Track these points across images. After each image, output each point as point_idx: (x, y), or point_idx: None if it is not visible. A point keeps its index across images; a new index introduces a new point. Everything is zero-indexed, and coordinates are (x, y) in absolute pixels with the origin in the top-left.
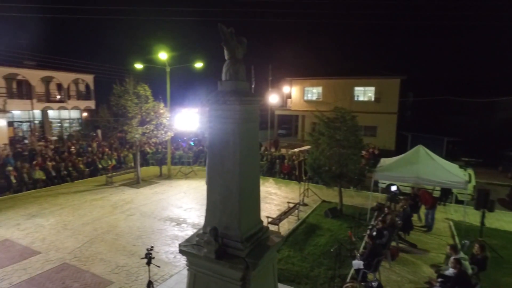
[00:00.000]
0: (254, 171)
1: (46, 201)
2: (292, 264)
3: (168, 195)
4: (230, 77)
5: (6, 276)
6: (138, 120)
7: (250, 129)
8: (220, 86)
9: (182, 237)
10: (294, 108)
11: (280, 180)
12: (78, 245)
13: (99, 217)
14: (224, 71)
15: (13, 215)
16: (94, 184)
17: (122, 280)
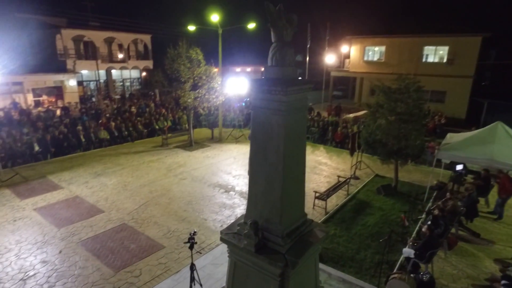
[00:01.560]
0: (299, 164)
1: (110, 160)
2: (338, 244)
3: (218, 160)
4: (277, 62)
5: (76, 231)
6: (191, 84)
7: (297, 120)
8: (265, 72)
9: (230, 206)
10: (353, 70)
11: (331, 149)
12: (136, 207)
13: (155, 180)
14: (270, 56)
15: (82, 173)
16: (151, 145)
17: (172, 245)
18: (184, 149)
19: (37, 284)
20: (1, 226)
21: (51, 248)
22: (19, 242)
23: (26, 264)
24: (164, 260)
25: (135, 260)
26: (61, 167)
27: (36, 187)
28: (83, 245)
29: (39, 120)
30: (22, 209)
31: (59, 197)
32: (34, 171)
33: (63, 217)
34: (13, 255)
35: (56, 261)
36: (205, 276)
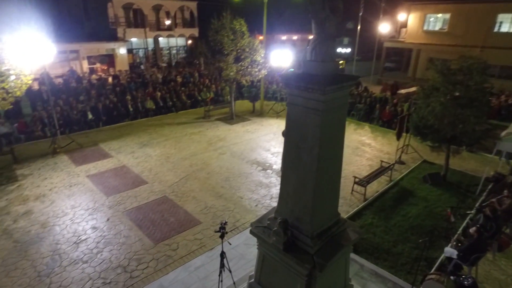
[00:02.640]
0: (335, 166)
1: (155, 131)
2: (374, 234)
3: (258, 135)
4: (316, 57)
5: (122, 200)
6: (233, 57)
7: (335, 119)
8: (303, 66)
9: (266, 185)
10: (409, 40)
11: (377, 128)
12: (176, 180)
13: (195, 153)
14: (310, 49)
15: (129, 143)
16: (194, 116)
17: (208, 222)
18: (225, 122)
19: (87, 248)
20: (59, 191)
21: (100, 215)
22: (74, 207)
23: (79, 228)
24: (200, 236)
25: (173, 234)
26: (111, 135)
27: (89, 154)
28: (128, 215)
29: (93, 88)
30: (77, 175)
31: (108, 165)
32: (88, 138)
33: (111, 185)
34: (68, 219)
35: (104, 228)
36: (237, 255)
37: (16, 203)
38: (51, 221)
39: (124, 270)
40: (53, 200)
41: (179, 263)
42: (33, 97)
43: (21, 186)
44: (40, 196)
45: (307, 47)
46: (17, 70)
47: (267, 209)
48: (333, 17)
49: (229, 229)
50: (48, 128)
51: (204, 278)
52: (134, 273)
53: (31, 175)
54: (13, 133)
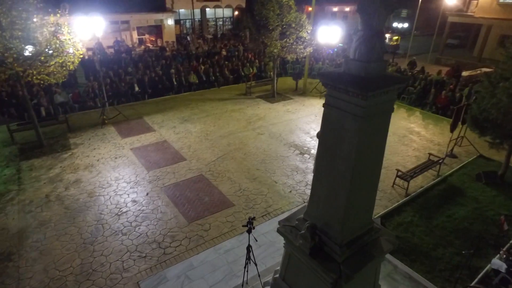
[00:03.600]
0: (373, 174)
1: (197, 106)
2: (412, 234)
3: (299, 116)
4: (360, 56)
5: (161, 176)
6: (278, 32)
7: (377, 126)
8: (344, 64)
9: (302, 170)
10: (479, 15)
11: (430, 115)
12: (213, 158)
13: (234, 131)
14: (354, 47)
15: (172, 117)
16: (235, 92)
17: (241, 205)
18: (265, 100)
19: (127, 221)
20: (106, 162)
21: (140, 189)
22: (117, 179)
23: (121, 200)
24: (232, 219)
25: (207, 214)
26: (155, 109)
27: (134, 127)
28: (166, 191)
29: (141, 60)
30: (122, 147)
31: (151, 139)
32: (134, 110)
33: (152, 160)
34: (112, 191)
35: (143, 202)
36: (267, 242)
37: (68, 171)
38: (97, 191)
39: (159, 245)
40: (100, 171)
41: (209, 244)
42: (87, 67)
43: (73, 154)
44: (89, 166)
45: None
46: (70, 44)
47: (301, 196)
48: (384, 11)
49: (261, 214)
50: (98, 99)
51: (233, 262)
52: (167, 250)
53: (82, 145)
54: (68, 103)
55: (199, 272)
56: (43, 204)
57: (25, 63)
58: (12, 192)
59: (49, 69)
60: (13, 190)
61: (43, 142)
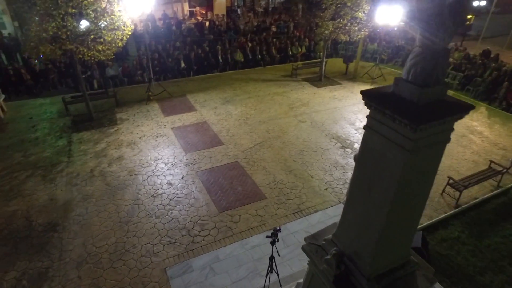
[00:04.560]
0: (414, 210)
1: (239, 86)
2: (457, 252)
3: (345, 104)
4: (415, 78)
5: (198, 159)
6: (332, 12)
7: (426, 159)
8: (394, 84)
9: (342, 166)
10: None
11: (498, 113)
12: (251, 145)
13: (275, 117)
14: (408, 65)
15: (214, 97)
16: (281, 73)
17: (273, 198)
18: (311, 83)
19: (161, 204)
20: (147, 140)
21: (176, 171)
22: (156, 159)
23: (158, 182)
24: (262, 213)
25: (238, 205)
26: (198, 87)
27: (177, 105)
28: (200, 176)
29: (190, 34)
30: (163, 126)
31: (191, 119)
32: (178, 87)
33: (191, 141)
34: (150, 171)
35: (178, 185)
36: (295, 242)
37: (112, 147)
38: (136, 169)
39: (188, 233)
40: (141, 149)
41: (237, 237)
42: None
43: (118, 130)
44: (131, 143)
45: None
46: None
47: (337, 196)
48: (452, 25)
49: (293, 211)
50: (146, 74)
51: (258, 259)
52: (196, 238)
53: (127, 120)
54: (118, 76)
55: (224, 266)
56: (88, 179)
57: (78, 39)
58: (63, 163)
59: (99, 46)
60: (64, 161)
61: (93, 115)
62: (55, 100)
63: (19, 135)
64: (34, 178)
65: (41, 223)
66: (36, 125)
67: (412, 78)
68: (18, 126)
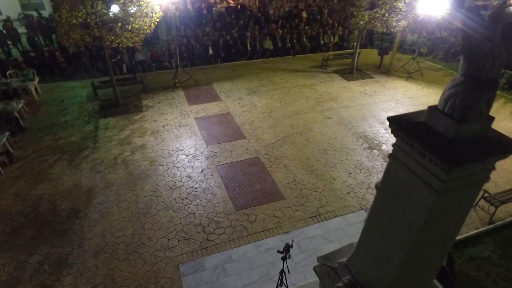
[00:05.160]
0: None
1: (266, 76)
2: (487, 274)
3: (376, 100)
4: (453, 110)
5: (218, 153)
6: (369, 1)
7: (457, 200)
8: (428, 113)
9: (367, 169)
10: None
11: None
12: (273, 140)
13: (300, 111)
14: (446, 94)
15: (240, 87)
16: (310, 63)
17: (292, 199)
18: (342, 76)
19: (179, 197)
20: (170, 130)
21: (197, 164)
22: (177, 150)
23: (177, 174)
24: (279, 214)
25: (255, 204)
26: (225, 75)
27: (202, 94)
28: (220, 170)
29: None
30: (187, 115)
31: (215, 110)
32: (205, 75)
33: (213, 133)
34: (171, 162)
35: (197, 179)
36: (311, 249)
37: (136, 135)
38: (158, 160)
39: (203, 230)
40: (164, 138)
41: (252, 238)
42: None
43: (143, 117)
44: (155, 132)
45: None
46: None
47: (359, 201)
48: (506, 54)
49: (311, 214)
50: (173, 60)
51: (271, 263)
52: (210, 236)
53: (152, 108)
54: (146, 61)
55: (236, 267)
56: (111, 166)
57: (107, 26)
58: (88, 149)
59: (126, 34)
60: (89, 147)
61: (120, 101)
62: (85, 84)
63: (50, 117)
64: (61, 162)
65: (64, 209)
66: (66, 108)
67: (449, 110)
68: (50, 108)
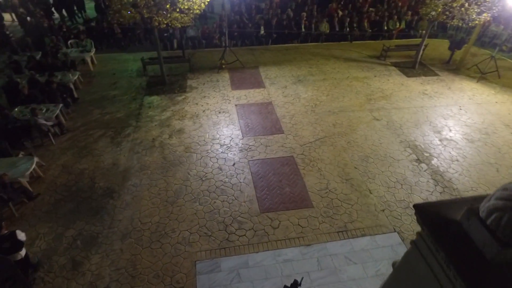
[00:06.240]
0: None
1: (317, 64)
2: None
3: (436, 104)
4: (496, 227)
5: (253, 146)
6: None
7: None
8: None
9: (409, 185)
10: None
11: None
12: (312, 139)
13: (346, 108)
14: (492, 203)
15: (286, 73)
16: (368, 52)
17: (320, 209)
18: (401, 70)
19: (207, 190)
20: (209, 115)
21: (230, 156)
22: (213, 139)
23: (209, 164)
24: (304, 223)
25: (281, 208)
26: (273, 59)
27: (247, 78)
28: (252, 166)
29: None
30: (228, 101)
31: (257, 97)
32: (253, 57)
33: (251, 124)
34: (205, 151)
35: (228, 173)
36: (331, 267)
37: (177, 117)
38: (192, 147)
39: (225, 229)
40: (202, 124)
41: (271, 245)
42: None
43: (186, 99)
44: (194, 116)
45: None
46: None
47: (394, 222)
48: None
49: (338, 228)
50: (223, 39)
51: (286, 276)
52: (231, 236)
53: (196, 89)
54: (197, 37)
55: (251, 274)
56: (148, 148)
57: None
58: (130, 127)
59: (175, 14)
60: (132, 125)
61: (166, 79)
62: (137, 57)
63: (101, 90)
64: (104, 138)
65: (102, 187)
66: (116, 82)
67: (493, 224)
68: (102, 81)
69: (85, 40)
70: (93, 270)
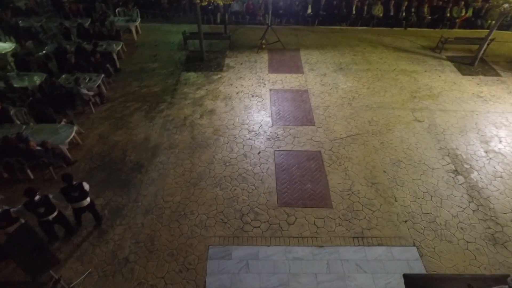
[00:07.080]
0: None
1: (362, 51)
2: None
3: (490, 109)
4: None
5: (281, 136)
6: None
7: None
8: None
9: (439, 198)
10: None
11: None
12: (343, 135)
13: (386, 105)
14: None
15: (328, 59)
16: (422, 42)
17: (339, 211)
18: (457, 66)
19: (230, 176)
20: (242, 98)
21: (256, 143)
22: (242, 124)
23: (235, 150)
24: (320, 224)
25: (299, 205)
26: (317, 42)
27: (285, 61)
28: (277, 157)
29: None
30: (263, 85)
31: (293, 83)
32: (295, 38)
33: (282, 112)
34: (232, 135)
35: (252, 161)
36: (339, 272)
37: (210, 97)
38: (221, 130)
39: (241, 218)
40: (233, 107)
41: (284, 241)
42: None
43: (221, 78)
44: (227, 98)
45: None
46: None
47: (416, 235)
48: None
49: (354, 234)
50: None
51: (293, 274)
52: (246, 226)
53: (233, 69)
54: (241, 12)
55: (259, 266)
56: (179, 126)
57: None
58: (165, 103)
59: None
60: (166, 101)
61: (204, 56)
62: (180, 29)
63: (141, 62)
64: (140, 112)
65: (132, 160)
66: (157, 54)
67: None
68: (144, 51)
69: (132, 10)
70: (116, 240)
